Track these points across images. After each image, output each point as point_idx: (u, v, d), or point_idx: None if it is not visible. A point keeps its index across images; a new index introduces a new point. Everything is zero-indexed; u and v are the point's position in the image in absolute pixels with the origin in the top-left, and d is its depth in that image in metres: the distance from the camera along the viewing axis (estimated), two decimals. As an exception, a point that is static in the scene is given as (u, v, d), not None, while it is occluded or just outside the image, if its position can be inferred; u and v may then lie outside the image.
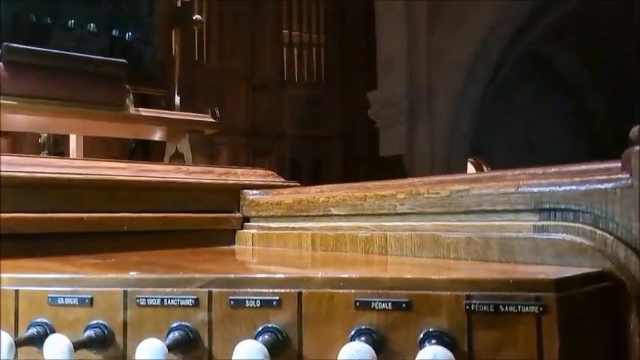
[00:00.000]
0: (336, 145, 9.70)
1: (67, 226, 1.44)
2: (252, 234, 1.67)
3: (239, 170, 1.84)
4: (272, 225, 1.65)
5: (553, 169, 1.03)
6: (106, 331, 0.92)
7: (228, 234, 1.72)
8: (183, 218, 1.64)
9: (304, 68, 10.08)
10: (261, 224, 1.70)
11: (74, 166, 1.54)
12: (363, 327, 0.82)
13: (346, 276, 0.86)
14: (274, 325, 0.86)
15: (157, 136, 2.01)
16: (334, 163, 9.55)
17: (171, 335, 0.88)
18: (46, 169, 1.48)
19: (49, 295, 0.96)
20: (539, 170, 1.04)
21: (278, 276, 0.88)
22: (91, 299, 0.94)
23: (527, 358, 0.77)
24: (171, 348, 0.85)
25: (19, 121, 1.68)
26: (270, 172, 1.91)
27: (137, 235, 1.54)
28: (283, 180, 1.90)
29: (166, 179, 1.64)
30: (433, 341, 0.77)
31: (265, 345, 0.82)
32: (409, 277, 0.83)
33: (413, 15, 8.80)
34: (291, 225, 1.57)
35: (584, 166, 0.98)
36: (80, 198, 1.50)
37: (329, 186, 1.51)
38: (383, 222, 1.29)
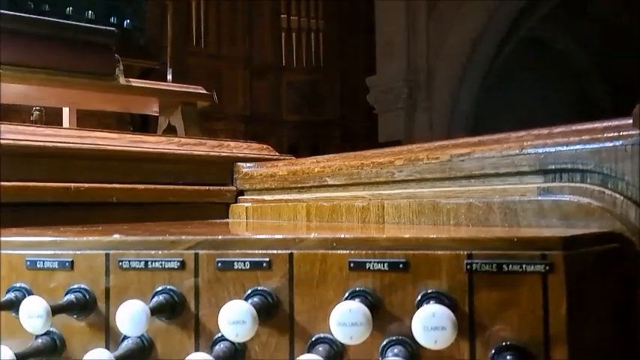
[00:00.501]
0: (334, 131, 9.64)
1: (54, 195, 1.39)
2: (246, 207, 1.62)
3: (232, 143, 1.79)
4: (266, 198, 1.60)
5: (559, 129, 0.98)
6: (87, 295, 0.88)
7: (222, 207, 1.67)
8: (174, 190, 1.59)
9: (302, 53, 9.99)
10: (255, 197, 1.65)
11: (62, 135, 1.48)
12: (357, 289, 0.78)
13: (340, 236, 0.81)
14: (264, 288, 0.81)
15: (149, 109, 1.95)
16: (333, 149, 9.49)
17: (155, 299, 0.83)
18: (33, 137, 1.42)
19: (28, 259, 0.91)
20: (545, 130, 0.99)
21: (268, 237, 0.83)
22: (72, 262, 0.89)
23: (531, 319, 0.72)
24: (155, 311, 0.81)
25: (5, 91, 1.62)
26: (264, 146, 1.86)
27: (127, 207, 1.49)
28: (278, 154, 1.85)
29: (158, 150, 1.59)
30: (432, 302, 0.72)
31: (255, 307, 0.77)
32: (406, 236, 0.78)
33: (412, 0, 8.69)
34: (286, 197, 1.52)
35: (591, 125, 0.93)
36: (68, 168, 1.45)
37: (324, 156, 1.46)
38: (380, 190, 1.25)
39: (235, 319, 0.73)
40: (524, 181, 0.99)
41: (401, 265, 0.77)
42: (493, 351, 0.73)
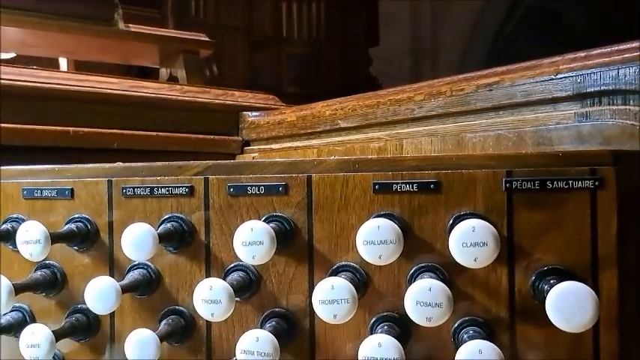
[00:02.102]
0: (337, 104, 9.49)
1: (52, 139, 1.31)
2: (253, 157, 1.55)
3: (237, 92, 1.71)
4: (274, 147, 1.53)
5: (596, 51, 0.90)
6: (89, 225, 0.81)
7: (227, 158, 1.60)
8: (178, 138, 1.51)
9: (304, 24, 9.78)
10: (262, 147, 1.57)
11: (60, 77, 1.40)
12: (382, 213, 0.71)
13: (362, 157, 0.74)
14: (281, 214, 0.75)
15: (149, 59, 1.87)
16: (335, 122, 9.36)
17: (162, 227, 0.77)
18: (29, 78, 1.34)
19: (24, 188, 0.85)
20: (581, 53, 0.91)
21: (283, 160, 0.76)
22: (72, 191, 0.83)
23: (578, 241, 0.66)
24: (163, 238, 0.74)
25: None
26: (270, 96, 1.78)
27: (128, 154, 1.41)
28: (284, 104, 1.77)
29: (160, 96, 1.51)
30: (468, 218, 0.65)
31: (271, 233, 0.71)
32: (437, 155, 0.71)
33: (416, -34, 8.47)
34: (296, 144, 1.45)
35: (634, 44, 0.85)
36: (67, 112, 1.37)
37: (336, 99, 1.38)
38: (398, 129, 1.17)
39: (252, 239, 0.66)
40: (558, 109, 0.91)
41: (432, 186, 0.70)
42: (534, 277, 0.67)
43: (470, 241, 0.60)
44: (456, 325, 0.69)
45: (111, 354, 0.81)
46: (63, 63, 2.00)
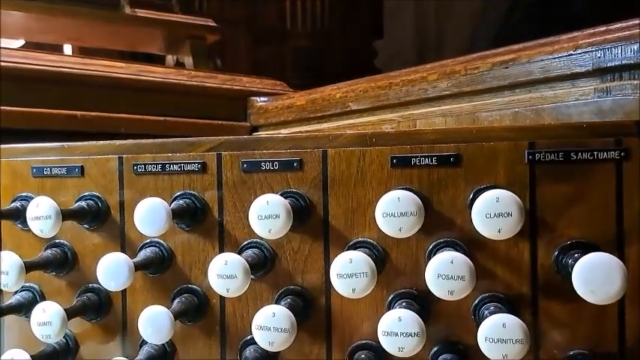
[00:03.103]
0: (341, 97, 9.46)
1: (59, 123, 1.30)
2: (262, 142, 1.53)
3: (245, 78, 1.69)
4: (283, 132, 1.51)
5: (616, 25, 0.87)
6: (99, 203, 0.80)
7: (236, 144, 1.58)
8: (185, 123, 1.49)
9: (308, 16, 9.74)
10: (270, 132, 1.56)
11: (67, 61, 1.39)
12: (401, 187, 0.69)
13: (379, 131, 0.72)
14: (295, 190, 0.73)
15: (155, 46, 1.85)
16: (339, 115, 9.33)
17: (175, 203, 0.76)
18: (36, 61, 1.33)
19: (34, 166, 0.83)
20: (601, 28, 0.89)
21: (298, 135, 0.75)
22: (82, 168, 0.81)
23: (602, 213, 0.64)
24: (176, 215, 0.73)
25: (5, 22, 1.52)
26: (278, 82, 1.76)
27: (136, 139, 1.40)
28: (293, 90, 1.75)
29: (167, 80, 1.49)
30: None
31: (286, 209, 0.69)
32: (457, 127, 0.69)
33: (421, -42, 8.40)
34: (305, 129, 1.43)
35: (657, 17, 0.83)
36: (74, 96, 1.36)
37: (346, 82, 1.36)
38: (411, 110, 1.15)
39: (268, 212, 0.65)
40: (577, 85, 0.89)
41: (451, 159, 0.68)
42: (557, 251, 0.65)
43: (494, 212, 0.58)
44: (477, 301, 0.67)
45: (123, 333, 0.80)
46: (67, 50, 1.98)
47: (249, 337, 0.75)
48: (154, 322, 0.67)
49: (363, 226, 0.72)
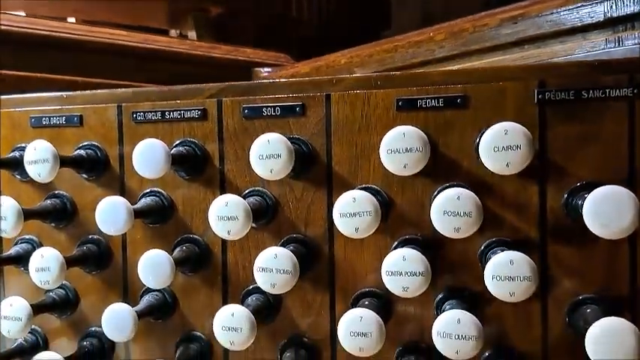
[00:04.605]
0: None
1: (60, 89, 1.29)
2: (266, 113, 1.51)
3: (248, 49, 1.67)
4: (287, 101, 1.49)
5: (631, -25, 0.85)
6: (98, 152, 0.78)
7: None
8: (189, 93, 1.48)
9: (314, 5, 9.67)
10: (275, 103, 1.54)
11: (70, 28, 1.37)
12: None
13: (385, 73, 0.70)
14: (298, 136, 0.71)
15: (158, 20, 1.83)
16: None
17: (175, 150, 0.74)
18: (38, 26, 1.31)
19: (32, 116, 0.82)
20: (614, -22, 0.86)
21: (300, 79, 0.73)
22: (81, 118, 0.80)
23: (615, 153, 0.62)
24: (176, 160, 0.71)
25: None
26: (282, 55, 1.74)
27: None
28: (297, 62, 1.73)
29: (171, 49, 1.47)
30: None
31: (288, 153, 0.67)
32: (464, 68, 0.67)
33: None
34: (309, 97, 1.41)
35: (673, -36, 0.80)
36: (76, 62, 1.35)
37: (351, 48, 1.34)
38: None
39: (269, 152, 0.63)
40: (588, 38, 0.87)
41: (458, 101, 0.66)
42: (567, 193, 0.63)
43: (502, 145, 0.56)
44: (483, 247, 0.66)
45: (124, 285, 0.79)
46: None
47: (251, 287, 0.74)
48: (154, 265, 0.66)
49: (367, 172, 0.70)
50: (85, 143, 0.79)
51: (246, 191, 0.73)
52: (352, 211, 0.60)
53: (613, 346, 0.52)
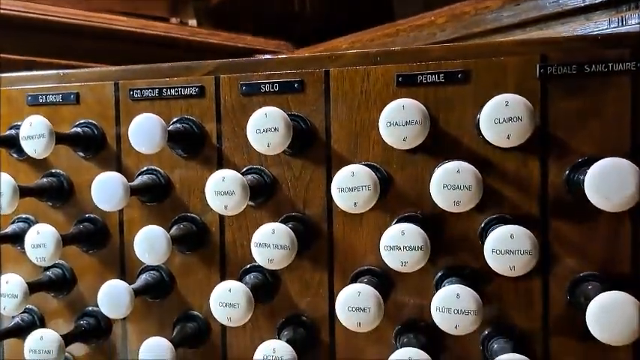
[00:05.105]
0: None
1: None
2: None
3: (249, 37, 1.66)
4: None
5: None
6: (95, 130, 0.78)
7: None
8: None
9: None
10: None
11: (67, 13, 1.36)
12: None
13: (384, 49, 0.70)
14: (296, 113, 0.71)
15: (158, 9, 1.82)
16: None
17: (172, 127, 0.73)
18: (35, 10, 1.31)
19: (29, 94, 0.81)
20: (618, -43, 0.85)
21: (299, 55, 0.72)
22: (77, 95, 0.79)
23: (618, 128, 0.61)
24: (173, 136, 0.70)
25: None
26: (282, 42, 1.73)
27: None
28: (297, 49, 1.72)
29: (169, 35, 1.47)
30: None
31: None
32: (465, 43, 0.66)
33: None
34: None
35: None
36: (73, 47, 1.34)
37: (352, 34, 1.33)
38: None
39: (266, 125, 0.62)
40: (591, 18, 0.86)
41: (459, 76, 0.65)
42: (569, 169, 0.62)
43: (503, 117, 0.55)
44: (484, 224, 0.65)
45: (121, 264, 0.78)
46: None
47: (249, 266, 0.73)
48: (151, 240, 0.65)
49: (366, 149, 0.69)
50: (82, 121, 0.78)
51: (244, 169, 0.73)
52: (351, 186, 0.60)
53: (614, 318, 0.51)
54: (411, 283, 0.68)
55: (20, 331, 0.77)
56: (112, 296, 0.67)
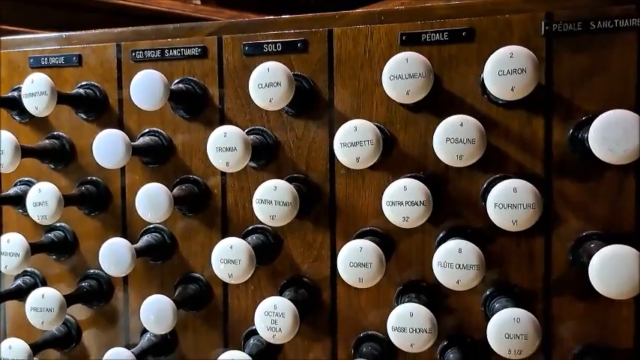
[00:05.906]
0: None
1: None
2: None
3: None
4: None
5: None
6: (97, 92, 0.77)
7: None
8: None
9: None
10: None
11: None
12: (410, 65, 0.66)
13: (389, 8, 0.69)
14: (299, 73, 0.70)
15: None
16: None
17: (175, 87, 0.73)
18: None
19: (31, 57, 0.81)
20: None
21: (302, 16, 0.71)
22: (80, 57, 0.79)
23: (623, 85, 0.60)
24: (175, 97, 0.70)
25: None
26: (287, 21, 1.71)
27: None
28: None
29: (172, 11, 1.46)
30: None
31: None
32: (469, 1, 0.66)
33: None
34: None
35: None
36: (74, 21, 1.33)
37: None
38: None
39: (269, 80, 0.62)
40: None
41: (463, 34, 0.65)
42: (573, 128, 0.62)
43: (507, 68, 0.55)
44: (486, 184, 0.65)
45: (123, 225, 0.78)
46: None
47: (251, 227, 0.73)
48: (152, 197, 0.65)
49: (369, 109, 0.69)
50: (84, 83, 0.78)
51: (247, 130, 0.72)
52: (353, 141, 0.59)
53: (616, 271, 0.51)
54: (413, 243, 0.67)
55: (22, 293, 0.78)
56: (114, 254, 0.67)
